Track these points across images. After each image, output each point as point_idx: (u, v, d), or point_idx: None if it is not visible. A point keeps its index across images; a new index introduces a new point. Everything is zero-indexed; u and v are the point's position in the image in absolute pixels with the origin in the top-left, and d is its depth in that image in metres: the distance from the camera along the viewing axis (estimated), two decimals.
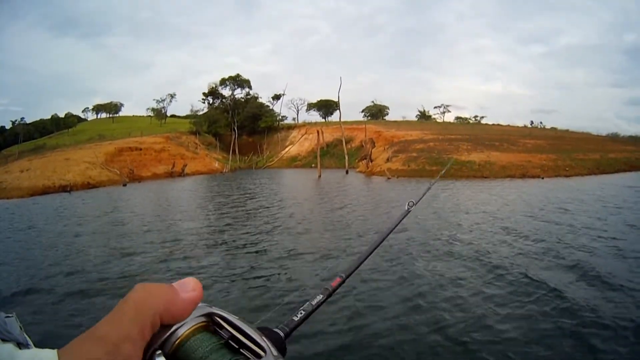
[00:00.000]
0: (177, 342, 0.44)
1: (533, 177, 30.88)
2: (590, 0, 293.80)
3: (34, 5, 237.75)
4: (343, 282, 0.82)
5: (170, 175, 44.64)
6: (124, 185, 34.14)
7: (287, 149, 67.19)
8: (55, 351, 0.37)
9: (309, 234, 11.22)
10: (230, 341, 0.46)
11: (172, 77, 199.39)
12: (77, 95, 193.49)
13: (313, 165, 52.00)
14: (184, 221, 14.00)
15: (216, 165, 55.46)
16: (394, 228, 1.07)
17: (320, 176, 37.04)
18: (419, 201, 1.33)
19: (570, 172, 33.17)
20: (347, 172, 41.65)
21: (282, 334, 0.64)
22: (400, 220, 1.13)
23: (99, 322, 0.40)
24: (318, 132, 47.45)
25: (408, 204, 1.27)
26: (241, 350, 0.46)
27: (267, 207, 16.78)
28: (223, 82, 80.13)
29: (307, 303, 0.71)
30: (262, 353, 0.45)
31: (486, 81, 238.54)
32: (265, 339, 0.47)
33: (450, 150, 39.39)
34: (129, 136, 57.87)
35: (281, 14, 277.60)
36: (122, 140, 51.64)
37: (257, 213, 15.31)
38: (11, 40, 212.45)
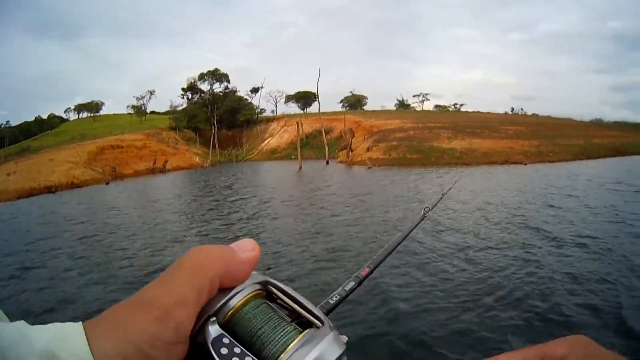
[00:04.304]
0: (232, 309, 0.40)
1: (515, 163, 31.20)
2: None
3: (12, 7, 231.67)
4: (371, 272, 0.81)
5: (152, 171, 44.58)
6: (107, 183, 34.04)
7: (266, 142, 67.51)
8: (79, 324, 0.32)
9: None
10: (285, 310, 0.44)
11: (151, 75, 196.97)
12: (59, 96, 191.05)
13: (293, 156, 52.47)
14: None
15: (197, 160, 55.76)
16: (408, 233, 1.06)
17: (301, 167, 36.79)
18: (434, 207, 1.35)
19: (555, 158, 33.39)
20: (327, 163, 41.91)
21: None
22: (416, 226, 1.13)
23: (147, 286, 0.36)
24: (298, 123, 47.56)
25: (424, 210, 1.27)
26: (297, 320, 0.42)
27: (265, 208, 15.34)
28: (202, 77, 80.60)
29: (340, 288, 0.68)
30: (319, 324, 0.41)
31: (465, 69, 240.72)
32: (320, 310, 0.43)
33: (430, 138, 39.56)
34: (110, 134, 58.13)
35: (258, 7, 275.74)
36: (104, 139, 51.80)
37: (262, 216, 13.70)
38: None
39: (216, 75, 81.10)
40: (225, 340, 0.38)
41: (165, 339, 0.34)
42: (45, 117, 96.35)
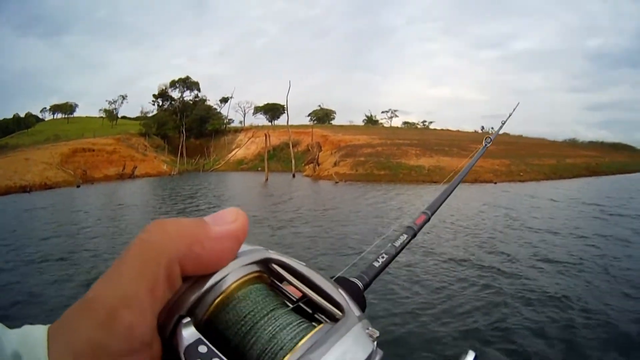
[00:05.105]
0: (215, 302, 0.29)
1: (485, 182, 30.61)
2: (553, 4, 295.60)
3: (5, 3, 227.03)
4: (428, 219, 0.73)
5: (121, 177, 44.70)
6: (78, 186, 34.08)
7: (233, 152, 68.22)
8: (46, 327, 0.28)
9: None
10: (293, 299, 0.33)
11: (123, 78, 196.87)
12: (37, 95, 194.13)
13: (259, 168, 52.55)
14: None
15: (164, 167, 56.05)
16: (473, 164, 1.10)
17: (267, 180, 36.49)
18: (495, 137, 1.37)
19: (525, 177, 33.60)
20: (294, 176, 41.98)
21: (360, 284, 0.51)
22: (479, 156, 1.18)
23: (95, 282, 0.28)
24: (266, 135, 47.20)
25: (485, 141, 1.31)
26: (310, 309, 0.33)
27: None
28: (173, 84, 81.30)
29: (390, 245, 0.60)
30: (339, 313, 0.31)
31: (435, 86, 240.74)
32: (343, 292, 0.32)
33: (398, 154, 39.40)
34: (82, 137, 57.91)
35: (230, 15, 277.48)
36: (76, 141, 51.57)
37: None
38: None
39: (187, 83, 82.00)
40: (202, 349, 0.27)
41: (113, 348, 0.26)
42: (22, 115, 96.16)
